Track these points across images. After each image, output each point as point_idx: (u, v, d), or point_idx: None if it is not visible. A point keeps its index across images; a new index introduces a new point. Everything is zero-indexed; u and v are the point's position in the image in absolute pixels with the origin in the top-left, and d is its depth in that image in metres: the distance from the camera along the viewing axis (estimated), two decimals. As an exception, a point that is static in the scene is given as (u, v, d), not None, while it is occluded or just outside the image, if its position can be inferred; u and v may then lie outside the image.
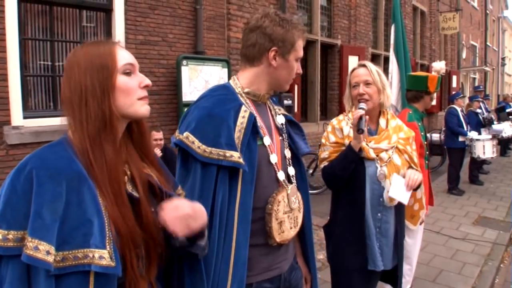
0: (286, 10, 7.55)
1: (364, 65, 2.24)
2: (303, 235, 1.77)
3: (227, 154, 1.39)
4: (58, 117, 4.57)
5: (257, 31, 1.52)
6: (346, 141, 2.19)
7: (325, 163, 2.27)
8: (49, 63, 4.85)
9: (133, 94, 1.11)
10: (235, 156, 1.40)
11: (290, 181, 1.64)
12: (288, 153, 1.66)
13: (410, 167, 2.28)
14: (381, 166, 2.18)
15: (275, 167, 1.56)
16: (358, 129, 2.01)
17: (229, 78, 4.86)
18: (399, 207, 2.25)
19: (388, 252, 2.23)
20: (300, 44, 1.57)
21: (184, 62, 5.65)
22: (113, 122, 1.07)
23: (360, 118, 2.00)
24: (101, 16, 5.25)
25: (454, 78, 15.79)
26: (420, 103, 3.16)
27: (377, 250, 2.18)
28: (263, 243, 1.55)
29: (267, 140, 1.55)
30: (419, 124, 3.03)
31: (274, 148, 1.58)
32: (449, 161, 7.78)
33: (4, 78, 4.26)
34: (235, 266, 1.42)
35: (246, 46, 1.56)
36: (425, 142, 3.06)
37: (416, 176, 2.13)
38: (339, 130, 2.28)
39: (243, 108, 1.49)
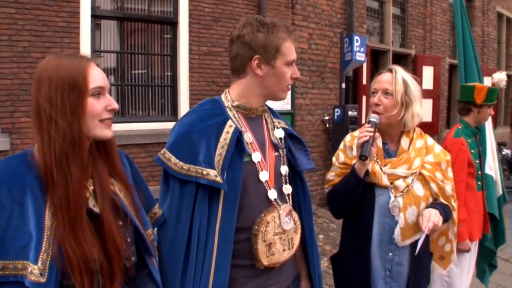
0: (353, 19, 7.39)
1: (391, 70, 1.85)
2: (306, 257, 1.65)
3: (204, 172, 1.34)
4: (125, 123, 4.81)
5: (237, 42, 1.44)
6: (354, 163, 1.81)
7: (329, 187, 1.96)
8: (118, 73, 5.24)
9: (96, 116, 1.10)
10: (212, 174, 1.33)
11: (284, 200, 1.53)
12: (285, 170, 1.55)
13: (434, 199, 1.87)
14: (395, 197, 1.78)
15: (266, 185, 1.46)
16: (360, 155, 1.66)
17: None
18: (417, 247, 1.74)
19: None
20: (287, 47, 1.44)
21: (245, 72, 5.72)
22: (83, 143, 1.06)
23: (366, 141, 1.67)
24: (167, 29, 5.54)
25: (548, 90, 14.44)
26: (470, 116, 2.87)
27: None
28: (250, 264, 1.44)
29: (256, 157, 1.45)
30: (469, 140, 2.78)
31: (266, 165, 1.48)
32: (531, 180, 7.12)
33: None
34: None
35: (230, 58, 1.49)
36: (477, 161, 2.82)
37: (433, 216, 1.70)
38: (349, 148, 1.92)
39: (229, 123, 1.42)
